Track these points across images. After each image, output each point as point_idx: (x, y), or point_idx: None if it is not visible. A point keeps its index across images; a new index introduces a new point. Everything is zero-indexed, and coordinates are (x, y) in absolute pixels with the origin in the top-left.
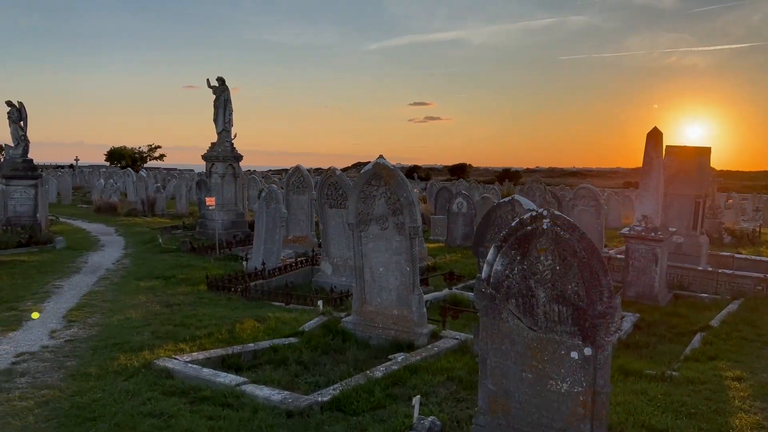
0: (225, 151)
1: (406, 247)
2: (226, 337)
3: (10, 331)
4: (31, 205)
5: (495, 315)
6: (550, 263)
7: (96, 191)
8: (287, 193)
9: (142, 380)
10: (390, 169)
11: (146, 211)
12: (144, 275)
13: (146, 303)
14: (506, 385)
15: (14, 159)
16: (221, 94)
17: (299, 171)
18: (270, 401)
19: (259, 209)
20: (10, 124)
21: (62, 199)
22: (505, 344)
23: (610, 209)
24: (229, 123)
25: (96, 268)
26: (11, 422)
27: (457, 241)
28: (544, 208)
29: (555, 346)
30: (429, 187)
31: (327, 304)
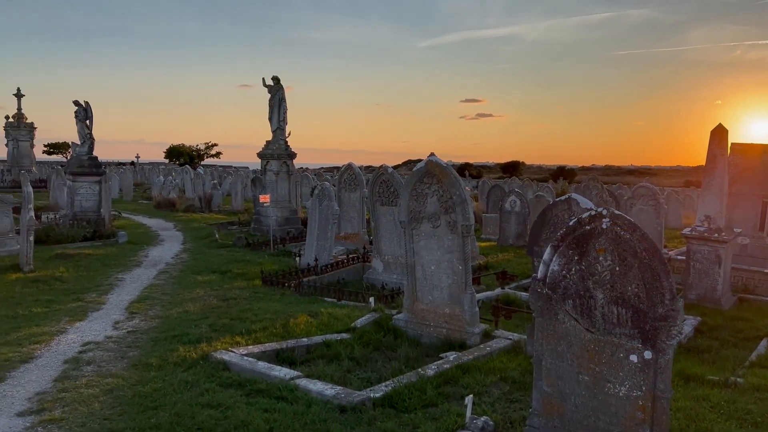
0: (279, 149)
1: (458, 246)
2: (280, 331)
3: (77, 321)
4: (96, 200)
5: (551, 316)
6: (609, 264)
7: (156, 188)
8: (339, 191)
9: (200, 372)
10: (442, 167)
11: (203, 207)
12: (201, 269)
13: (204, 296)
14: (561, 387)
15: (80, 156)
16: (276, 93)
17: (351, 169)
18: (323, 396)
19: (311, 206)
20: (76, 123)
21: (124, 195)
22: (561, 346)
23: (669, 209)
24: (283, 121)
25: (156, 262)
26: (79, 408)
27: (510, 240)
28: (603, 207)
29: (613, 349)
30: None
31: (378, 301)
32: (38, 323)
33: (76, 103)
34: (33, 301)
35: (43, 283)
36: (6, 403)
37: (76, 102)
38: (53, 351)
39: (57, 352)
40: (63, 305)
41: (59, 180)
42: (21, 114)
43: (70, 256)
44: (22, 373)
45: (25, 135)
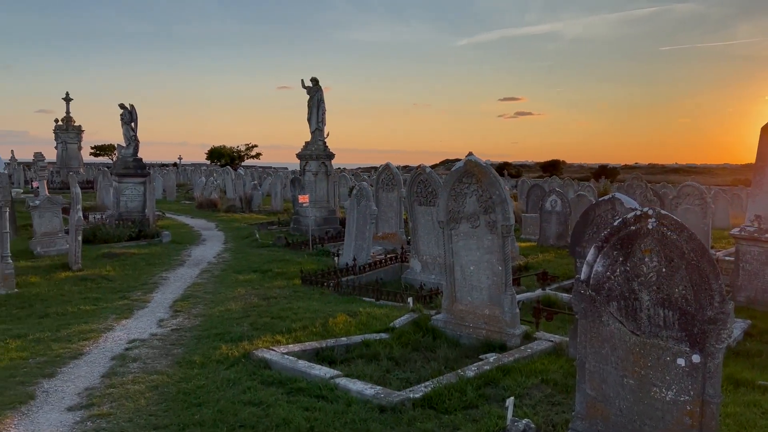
0: (318, 150)
1: (498, 246)
2: (319, 330)
3: (123, 319)
4: (141, 201)
5: (594, 318)
6: (655, 265)
7: (198, 188)
8: (377, 191)
9: (242, 369)
10: (482, 167)
11: (244, 207)
12: (243, 269)
13: (245, 295)
14: (605, 391)
15: (126, 158)
16: (315, 94)
17: (389, 169)
18: (363, 395)
19: (350, 206)
20: (122, 125)
21: (167, 195)
22: (605, 348)
23: (717, 208)
24: (321, 122)
25: (198, 262)
26: (125, 404)
27: (550, 241)
28: (648, 207)
29: (660, 352)
30: (520, 184)
31: (417, 301)
32: (87, 320)
33: (122, 106)
34: (81, 299)
35: (91, 281)
36: (57, 397)
37: (122, 105)
38: (101, 348)
39: (105, 349)
40: (110, 303)
41: (106, 181)
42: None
43: (116, 255)
44: (72, 368)
45: (73, 138)
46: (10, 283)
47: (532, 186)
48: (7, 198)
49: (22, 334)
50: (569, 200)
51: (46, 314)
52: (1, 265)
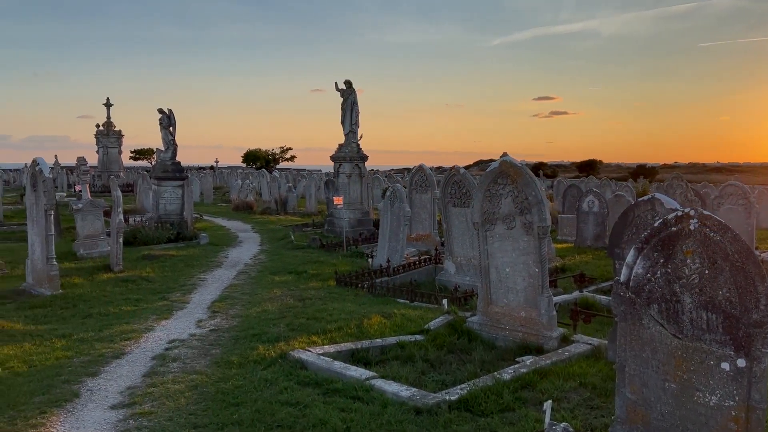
0: (351, 152)
1: (534, 247)
2: (354, 331)
3: (163, 320)
4: (179, 203)
5: (635, 320)
6: (697, 267)
7: (234, 191)
8: (410, 192)
9: (278, 370)
10: (517, 167)
11: (279, 209)
12: (278, 270)
13: (281, 296)
14: (646, 395)
15: (164, 162)
16: (348, 96)
17: (422, 170)
18: (398, 397)
19: (383, 208)
20: (161, 130)
21: (204, 198)
22: (646, 351)
23: (761, 208)
24: (355, 124)
25: (235, 263)
26: (166, 403)
27: (588, 242)
28: (690, 207)
29: (702, 356)
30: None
31: (451, 303)
32: (128, 321)
33: (160, 111)
34: (123, 299)
35: (132, 282)
36: (101, 396)
37: (160, 110)
38: (142, 348)
39: (145, 349)
40: (150, 304)
41: (145, 184)
42: (110, 122)
43: (155, 257)
44: (114, 368)
45: (114, 142)
46: (55, 284)
47: (569, 186)
48: (52, 202)
49: (67, 334)
50: (607, 201)
51: (90, 314)
52: (47, 267)
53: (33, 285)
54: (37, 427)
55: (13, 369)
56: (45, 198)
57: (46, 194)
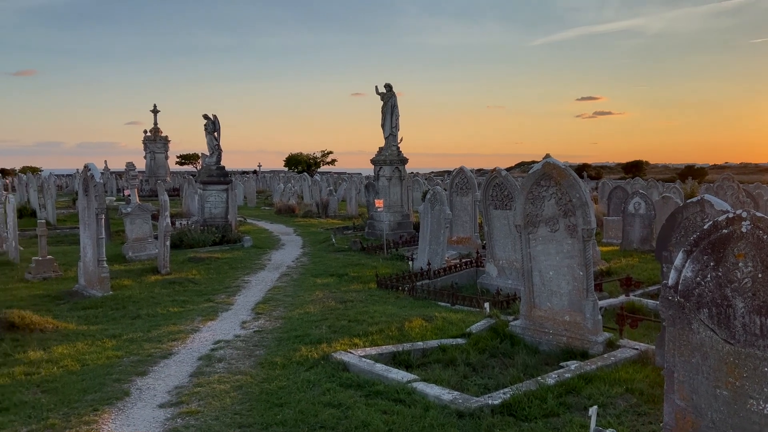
0: (392, 155)
1: (578, 250)
2: (395, 334)
3: (209, 321)
4: (224, 207)
5: (684, 325)
6: (750, 270)
7: (276, 194)
8: (451, 195)
9: (321, 371)
10: (561, 169)
11: (320, 212)
12: (320, 272)
13: (323, 299)
14: (696, 402)
15: (209, 166)
16: (388, 100)
17: (463, 172)
18: (440, 400)
19: (423, 210)
20: (206, 135)
21: (248, 201)
22: (696, 357)
23: None
24: (395, 128)
25: (278, 265)
26: (212, 403)
27: (634, 245)
28: (742, 209)
29: (756, 362)
30: (600, 186)
31: (493, 306)
32: (175, 322)
33: (205, 116)
34: (170, 301)
35: (179, 284)
36: (150, 395)
37: (205, 116)
38: (188, 348)
39: (192, 349)
40: (196, 305)
41: (191, 189)
42: (157, 128)
43: (201, 260)
44: (162, 368)
45: (161, 148)
46: (106, 286)
47: (614, 188)
48: (103, 206)
49: (117, 334)
50: (654, 202)
51: (138, 315)
52: (98, 269)
53: (85, 286)
54: (90, 424)
55: (67, 368)
56: (96, 202)
57: (97, 199)
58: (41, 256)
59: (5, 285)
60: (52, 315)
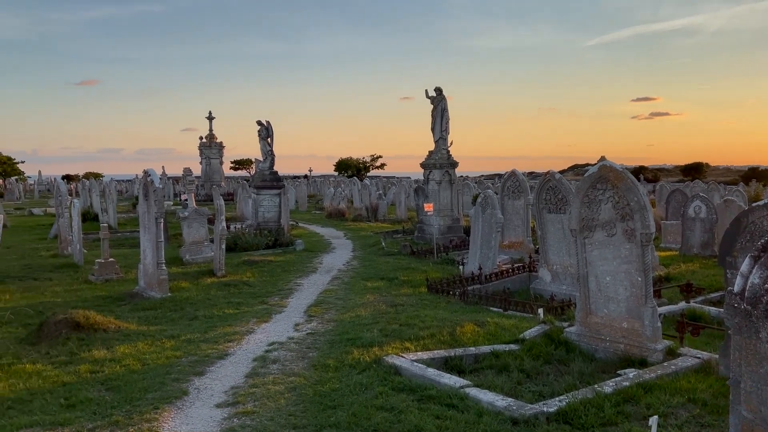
0: (441, 159)
1: (636, 256)
2: (447, 339)
3: (263, 323)
4: (277, 211)
5: (750, 334)
6: None
7: (327, 198)
8: (502, 198)
9: (373, 375)
10: (618, 171)
11: (370, 216)
12: (370, 276)
13: (373, 302)
14: (765, 414)
15: (263, 171)
16: (438, 103)
17: (515, 175)
18: (494, 406)
19: (474, 214)
20: (259, 141)
21: (299, 206)
22: (765, 367)
23: None
24: (445, 131)
25: (329, 269)
26: (267, 403)
27: (694, 250)
28: None
29: None
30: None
31: (547, 312)
32: (231, 323)
33: (259, 122)
34: (225, 303)
35: (233, 286)
36: (207, 394)
37: (259, 122)
38: (244, 349)
39: (247, 351)
40: (250, 307)
41: (245, 193)
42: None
43: (255, 263)
44: (219, 368)
45: (216, 153)
46: (164, 287)
47: (673, 191)
48: (162, 210)
49: (176, 335)
50: (715, 206)
51: (195, 317)
52: (157, 271)
53: (144, 288)
54: (151, 422)
55: (129, 367)
56: (156, 207)
57: (156, 203)
58: (104, 259)
59: (70, 286)
60: (115, 315)
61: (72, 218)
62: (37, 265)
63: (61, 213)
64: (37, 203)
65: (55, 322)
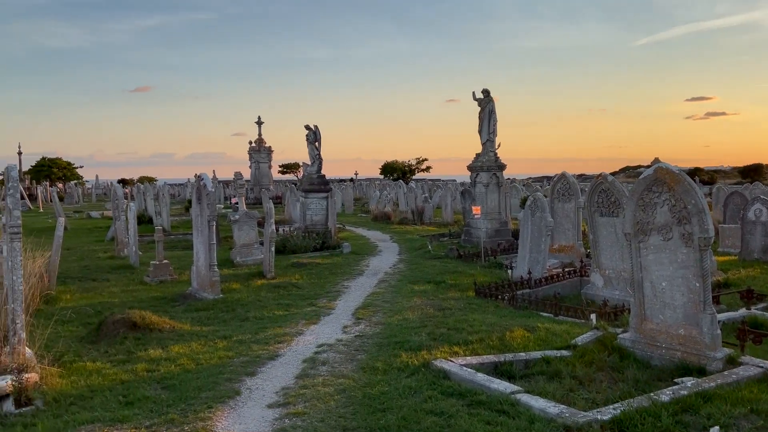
0: (489, 161)
1: (694, 260)
2: (496, 343)
3: (312, 324)
4: (324, 214)
5: None
6: None
7: (372, 202)
8: (552, 201)
9: (422, 378)
10: (674, 173)
11: (415, 219)
12: (417, 279)
13: (421, 305)
14: None
15: (311, 175)
16: (486, 105)
17: (565, 178)
18: (546, 413)
19: (523, 218)
20: (307, 145)
21: (345, 209)
22: None
23: None
24: (493, 133)
25: (376, 272)
26: (317, 405)
27: (755, 254)
28: None
29: None
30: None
31: (600, 318)
32: (280, 324)
33: (307, 127)
34: (275, 304)
35: (283, 288)
36: (259, 395)
37: (307, 126)
38: (293, 351)
39: (296, 352)
40: (299, 309)
41: (293, 196)
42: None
43: (303, 265)
44: (270, 369)
45: (264, 157)
46: (216, 289)
47: (731, 193)
48: (214, 213)
49: (228, 336)
50: None
51: (246, 318)
52: (209, 273)
53: (197, 289)
54: (205, 420)
55: (184, 366)
56: (208, 210)
57: (209, 207)
58: (158, 261)
59: (127, 287)
60: (169, 316)
61: (128, 221)
62: (95, 267)
63: (117, 216)
64: (95, 206)
65: (113, 322)
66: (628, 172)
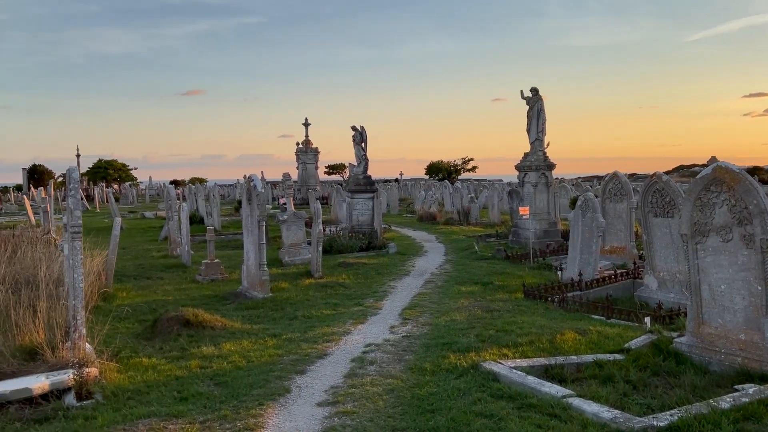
0: (538, 161)
1: (756, 263)
2: (546, 346)
3: (359, 324)
4: (370, 214)
5: None
6: None
7: (418, 202)
8: (603, 201)
9: (470, 380)
10: (734, 173)
11: (461, 219)
12: (464, 280)
13: (468, 307)
14: None
15: (357, 176)
16: (534, 104)
17: (617, 177)
18: (599, 418)
19: (574, 218)
20: (354, 146)
21: (391, 209)
22: None
23: None
24: (542, 132)
25: (422, 272)
26: (366, 405)
27: None
28: None
29: None
30: None
31: (654, 321)
32: (328, 324)
33: (354, 128)
34: (323, 303)
35: (330, 288)
36: (308, 393)
37: (354, 127)
38: (341, 350)
39: (345, 351)
40: (347, 309)
41: (339, 197)
42: (308, 140)
43: (350, 265)
44: (318, 367)
45: (311, 158)
46: (266, 288)
47: None
48: (264, 214)
49: (277, 334)
50: None
51: (295, 317)
52: (259, 272)
53: (247, 288)
54: (257, 417)
55: (235, 363)
56: (258, 210)
57: (259, 207)
58: (209, 260)
59: (179, 285)
60: (220, 314)
61: (180, 221)
62: (149, 265)
63: (170, 216)
64: (149, 207)
65: (167, 319)
66: (682, 171)
